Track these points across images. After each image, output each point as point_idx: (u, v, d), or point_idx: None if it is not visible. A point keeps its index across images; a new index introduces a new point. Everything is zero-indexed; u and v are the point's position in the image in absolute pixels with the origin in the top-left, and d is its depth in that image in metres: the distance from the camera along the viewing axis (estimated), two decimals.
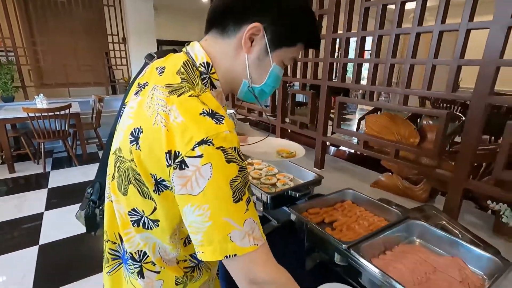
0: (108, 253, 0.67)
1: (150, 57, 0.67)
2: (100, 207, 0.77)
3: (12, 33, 4.24)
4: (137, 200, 0.57)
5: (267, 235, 1.20)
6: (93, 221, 0.78)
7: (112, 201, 0.64)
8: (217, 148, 0.48)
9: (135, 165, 0.54)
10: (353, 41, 1.33)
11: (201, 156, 0.47)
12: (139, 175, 0.54)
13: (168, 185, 0.53)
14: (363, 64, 1.31)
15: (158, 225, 0.58)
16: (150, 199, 0.55)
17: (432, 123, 1.21)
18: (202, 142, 0.47)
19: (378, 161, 1.40)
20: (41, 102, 3.70)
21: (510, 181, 0.89)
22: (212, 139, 0.47)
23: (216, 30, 0.60)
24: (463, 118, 0.97)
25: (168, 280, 0.63)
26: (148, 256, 0.61)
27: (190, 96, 0.52)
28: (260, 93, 0.64)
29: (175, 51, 0.64)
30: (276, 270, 0.54)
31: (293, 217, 0.92)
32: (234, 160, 0.49)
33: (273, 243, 1.09)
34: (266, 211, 1.18)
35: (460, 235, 0.85)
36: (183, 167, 0.48)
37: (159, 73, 0.58)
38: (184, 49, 0.62)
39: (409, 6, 1.10)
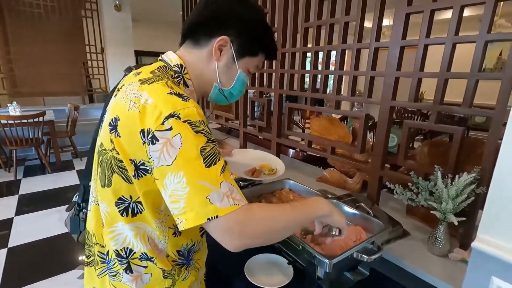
0: (98, 256, 0.70)
1: (129, 70, 0.73)
2: (83, 210, 0.81)
3: None
4: (122, 187, 0.60)
5: None
6: (77, 224, 0.81)
7: (98, 204, 0.68)
8: (184, 121, 0.53)
9: (117, 153, 0.58)
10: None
11: (170, 128, 0.52)
12: (121, 161, 0.58)
13: (147, 168, 0.57)
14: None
15: (144, 209, 0.61)
16: (133, 183, 0.59)
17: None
18: (170, 116, 0.52)
19: (327, 160, 1.60)
20: (14, 109, 3.71)
21: (409, 168, 1.11)
22: (179, 113, 0.53)
23: (190, 42, 0.69)
24: (376, 120, 1.19)
25: (156, 273, 0.65)
26: (134, 252, 0.64)
27: (158, 83, 0.59)
28: (229, 95, 0.74)
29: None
30: (260, 224, 0.57)
31: None
32: (202, 131, 0.54)
33: None
34: None
35: (371, 212, 1.05)
36: (154, 142, 0.53)
37: (135, 76, 0.65)
38: (159, 58, 0.70)
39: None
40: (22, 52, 4.59)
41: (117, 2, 4.80)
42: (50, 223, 2.74)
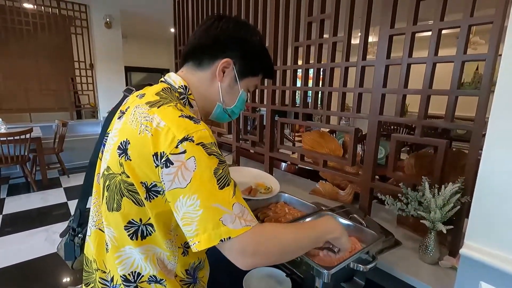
0: (99, 282, 0.69)
1: (129, 91, 0.76)
2: (79, 235, 0.82)
3: None
4: (132, 211, 0.60)
5: None
6: (72, 249, 0.80)
7: (100, 229, 0.68)
8: (197, 143, 0.54)
9: (127, 176, 0.58)
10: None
11: (184, 152, 0.53)
12: (132, 184, 0.58)
13: (159, 189, 0.57)
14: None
15: (154, 230, 0.61)
16: (144, 206, 0.60)
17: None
18: (183, 140, 0.54)
19: (318, 173, 1.64)
20: None
21: (398, 179, 1.16)
22: (192, 136, 0.54)
23: (192, 63, 0.71)
24: (364, 133, 1.25)
25: None
26: (142, 276, 0.63)
27: (168, 106, 0.60)
28: (232, 113, 0.78)
29: (150, 85, 0.73)
30: (272, 244, 0.58)
31: None
32: (214, 153, 0.56)
33: None
34: None
35: (364, 223, 1.09)
36: (168, 165, 0.54)
37: (140, 98, 0.66)
38: (161, 79, 0.73)
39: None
40: (9, 68, 4.52)
41: (107, 19, 4.84)
42: (36, 243, 2.65)
